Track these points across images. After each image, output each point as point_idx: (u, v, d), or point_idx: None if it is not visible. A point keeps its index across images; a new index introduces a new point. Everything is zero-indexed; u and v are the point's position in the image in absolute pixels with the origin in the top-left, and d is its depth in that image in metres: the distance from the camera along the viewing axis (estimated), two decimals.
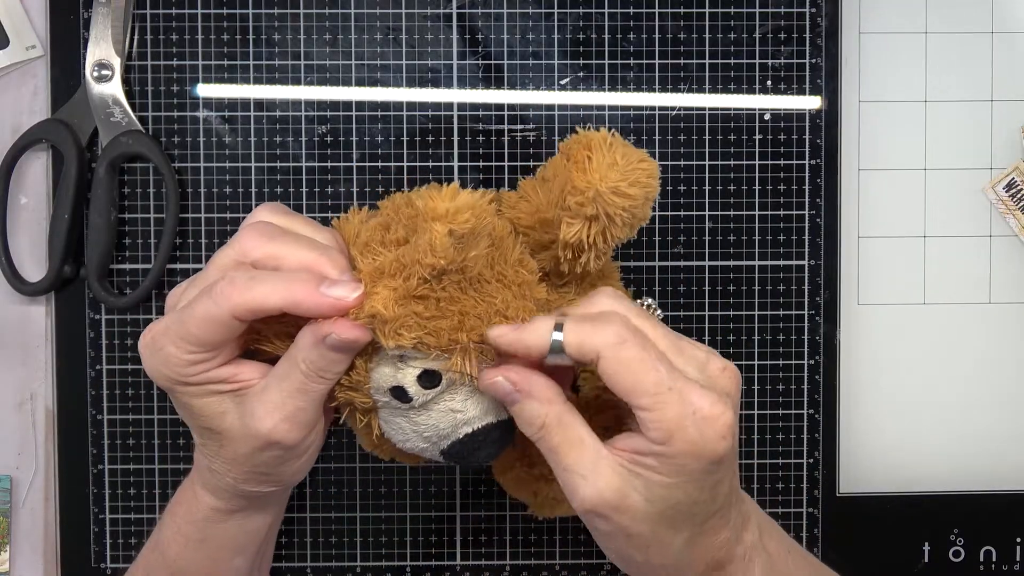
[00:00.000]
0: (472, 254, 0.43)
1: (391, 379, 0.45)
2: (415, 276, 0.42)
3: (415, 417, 0.46)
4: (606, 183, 0.43)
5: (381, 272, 0.43)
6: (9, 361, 0.62)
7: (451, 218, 0.41)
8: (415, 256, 0.42)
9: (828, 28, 0.61)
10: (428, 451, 0.47)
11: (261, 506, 0.50)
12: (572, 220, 0.44)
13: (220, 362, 0.45)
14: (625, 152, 0.44)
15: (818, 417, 0.62)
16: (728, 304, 0.61)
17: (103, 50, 0.60)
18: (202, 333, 0.43)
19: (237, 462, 0.46)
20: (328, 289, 0.43)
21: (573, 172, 0.44)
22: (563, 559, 0.62)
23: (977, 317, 0.63)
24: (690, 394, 0.40)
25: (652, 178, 0.44)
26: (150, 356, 0.45)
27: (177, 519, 0.50)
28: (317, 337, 0.43)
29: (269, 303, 0.42)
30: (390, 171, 0.61)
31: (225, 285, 0.43)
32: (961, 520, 0.62)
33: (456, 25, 0.61)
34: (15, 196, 0.61)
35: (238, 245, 0.45)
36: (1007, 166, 0.62)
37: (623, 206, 0.44)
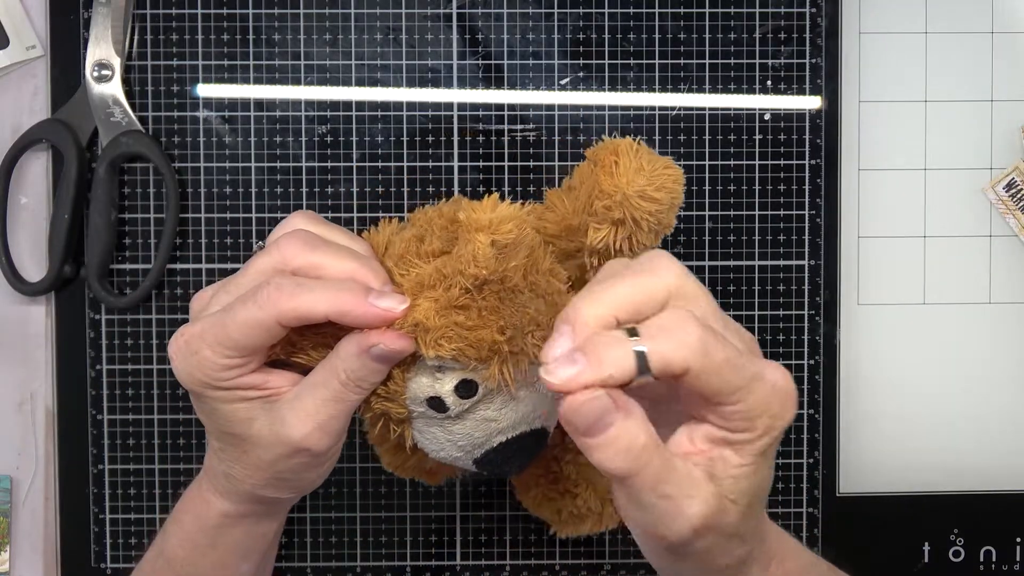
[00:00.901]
0: (512, 264, 0.43)
1: (428, 389, 0.45)
2: (457, 287, 0.43)
3: (450, 427, 0.46)
4: (633, 187, 0.44)
5: (421, 284, 0.44)
6: (9, 361, 0.62)
7: (494, 229, 0.42)
8: (457, 267, 0.43)
9: (828, 28, 0.61)
10: (461, 460, 0.47)
11: (272, 512, 0.50)
12: (599, 226, 0.45)
13: (252, 368, 0.44)
14: (651, 158, 0.45)
15: (818, 417, 0.62)
16: (728, 304, 0.61)
17: (103, 50, 0.60)
18: (243, 338, 0.43)
19: (260, 468, 0.46)
20: (376, 300, 0.43)
21: (601, 176, 0.45)
22: (563, 559, 0.62)
23: (977, 317, 0.63)
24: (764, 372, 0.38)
25: (677, 183, 0.45)
26: (183, 359, 0.44)
27: (185, 526, 0.50)
28: (362, 347, 0.43)
29: (317, 311, 0.42)
30: (390, 171, 0.61)
31: (272, 290, 0.42)
32: (961, 520, 0.62)
33: (456, 25, 0.61)
34: (15, 196, 0.61)
35: (278, 253, 0.44)
36: (1007, 166, 0.62)
37: (650, 210, 0.44)
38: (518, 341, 0.44)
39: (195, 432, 0.61)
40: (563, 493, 0.54)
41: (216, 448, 0.47)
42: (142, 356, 0.61)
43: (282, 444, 0.44)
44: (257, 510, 0.49)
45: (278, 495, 0.47)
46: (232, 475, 0.47)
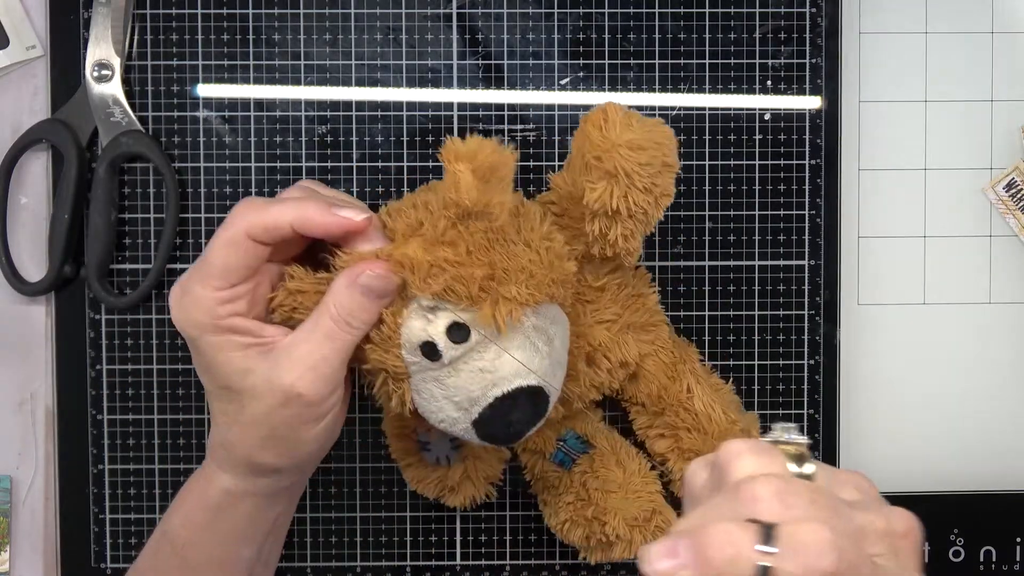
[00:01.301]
0: (497, 199, 0.44)
1: (421, 334, 0.45)
2: (442, 219, 0.44)
3: (445, 379, 0.46)
4: (622, 138, 0.45)
5: (411, 227, 0.45)
6: (9, 361, 0.62)
7: (472, 156, 0.43)
8: (440, 200, 0.44)
9: (828, 28, 0.61)
10: (460, 422, 0.47)
11: (273, 494, 0.50)
12: (594, 184, 0.46)
13: (246, 307, 0.46)
14: (640, 117, 0.47)
15: (818, 417, 0.62)
16: (728, 304, 0.61)
17: (103, 50, 0.60)
18: (221, 260, 0.45)
19: (256, 424, 0.46)
20: (338, 210, 0.45)
21: (590, 130, 0.46)
22: (563, 559, 0.62)
23: (977, 317, 0.63)
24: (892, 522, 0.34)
25: (667, 139, 0.46)
26: (178, 302, 0.46)
27: (187, 505, 0.50)
28: (350, 278, 0.44)
29: (283, 219, 0.44)
30: (390, 171, 0.61)
31: (240, 207, 0.45)
32: (961, 520, 0.62)
33: (456, 25, 0.61)
34: (15, 196, 0.61)
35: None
36: (1007, 166, 0.62)
37: (639, 161, 0.45)
38: (510, 287, 0.44)
39: (195, 432, 0.61)
40: (591, 519, 0.54)
41: (216, 412, 0.48)
42: (142, 356, 0.61)
43: (275, 391, 0.45)
44: (257, 486, 0.49)
45: (276, 461, 0.47)
46: (229, 440, 0.47)
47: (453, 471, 0.56)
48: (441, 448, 0.56)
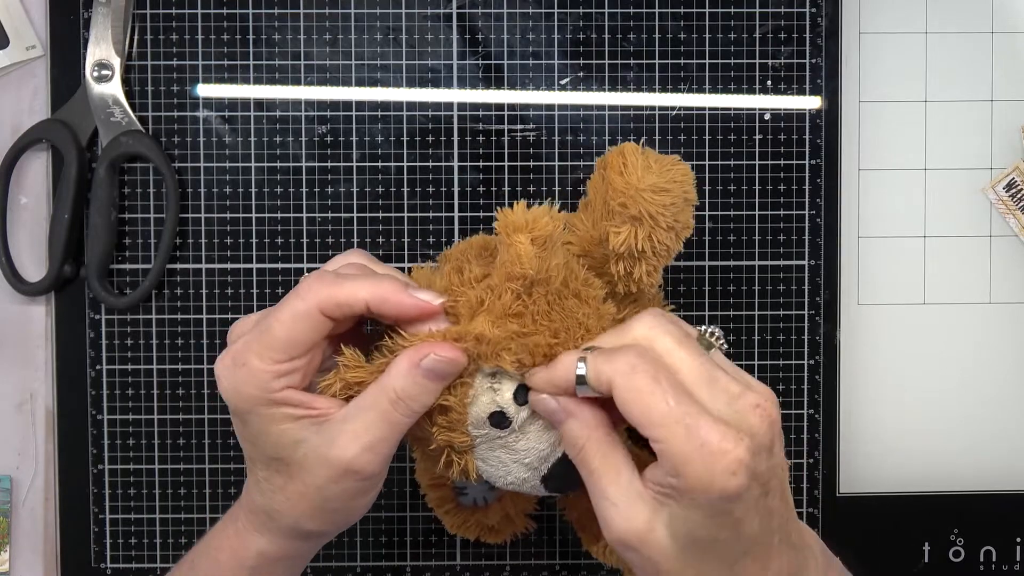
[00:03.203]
0: (554, 263, 0.44)
1: (489, 406, 0.45)
2: (508, 293, 0.44)
3: (514, 444, 0.46)
4: (644, 182, 0.45)
5: (472, 305, 0.44)
6: (9, 361, 0.62)
7: (531, 226, 0.43)
8: (503, 273, 0.44)
9: (828, 28, 0.61)
10: (529, 481, 0.47)
11: (307, 551, 0.49)
12: (618, 228, 0.46)
13: (300, 380, 0.44)
14: (658, 156, 0.46)
15: (818, 417, 0.62)
16: (728, 304, 0.61)
17: (103, 50, 0.60)
18: (287, 333, 0.43)
19: (305, 496, 0.45)
20: (415, 291, 0.44)
21: (612, 177, 0.46)
22: (563, 559, 0.62)
23: (977, 317, 0.63)
24: (699, 428, 0.39)
25: (687, 177, 0.46)
26: (231, 374, 0.43)
27: (220, 564, 0.48)
28: (413, 361, 0.43)
29: (358, 297, 0.43)
30: (390, 171, 0.61)
31: (313, 281, 0.43)
32: (961, 520, 0.62)
33: (456, 25, 0.61)
34: (15, 196, 0.61)
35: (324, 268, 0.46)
36: (1007, 166, 0.62)
37: (664, 203, 0.45)
38: (569, 344, 0.44)
39: (195, 432, 0.62)
40: None
41: (260, 479, 0.46)
42: (142, 356, 0.61)
43: (330, 466, 0.44)
44: (296, 549, 0.48)
45: (322, 528, 0.46)
46: (274, 508, 0.46)
47: (492, 512, 0.56)
48: (477, 491, 0.56)
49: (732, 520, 0.40)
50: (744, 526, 0.41)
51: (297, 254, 0.61)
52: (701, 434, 0.39)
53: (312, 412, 0.44)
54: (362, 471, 0.44)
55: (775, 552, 0.43)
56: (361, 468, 0.44)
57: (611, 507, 0.42)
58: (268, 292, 0.61)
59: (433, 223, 0.61)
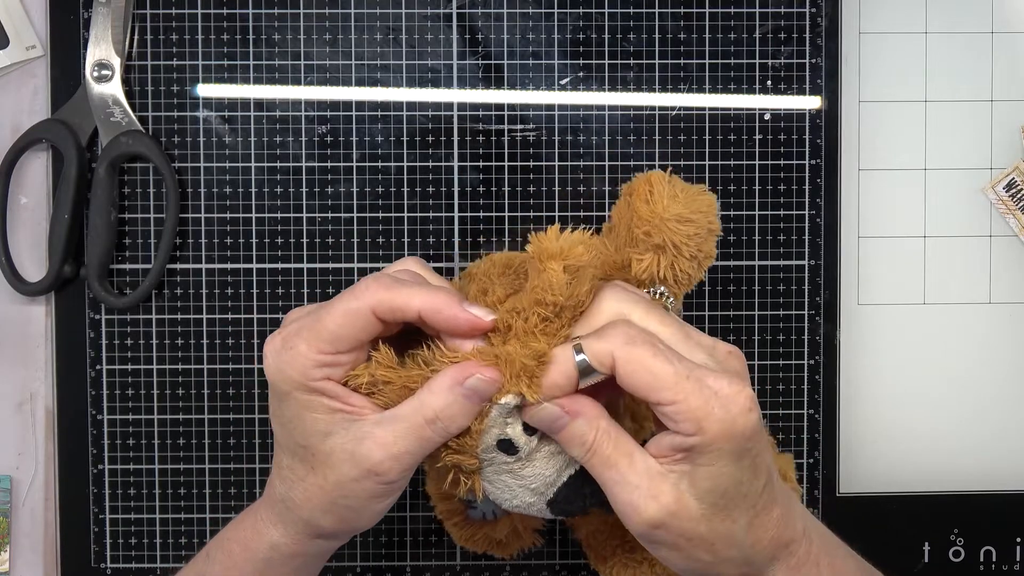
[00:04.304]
0: (584, 289, 0.44)
1: (498, 435, 0.45)
2: (535, 316, 0.44)
3: (520, 470, 0.46)
4: (670, 211, 0.46)
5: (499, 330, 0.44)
6: (9, 361, 0.62)
7: (565, 255, 0.43)
8: (532, 297, 0.44)
9: (828, 28, 0.61)
10: (535, 505, 0.47)
11: (317, 552, 0.49)
12: (641, 256, 0.47)
13: (341, 375, 0.45)
14: (684, 186, 0.47)
15: (818, 417, 0.62)
16: (728, 304, 0.61)
17: (103, 50, 0.60)
18: (338, 328, 0.44)
19: (324, 490, 0.45)
20: (469, 306, 0.44)
21: (637, 204, 0.46)
22: (563, 559, 0.62)
23: (977, 317, 0.63)
24: (706, 379, 0.41)
25: (712, 208, 0.47)
26: (277, 355, 0.45)
27: (233, 555, 0.49)
28: (456, 380, 0.43)
29: (412, 304, 0.43)
30: (390, 171, 0.61)
31: (371, 282, 0.44)
32: (961, 520, 0.62)
33: (456, 25, 0.61)
34: (15, 196, 0.61)
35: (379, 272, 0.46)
36: (1007, 166, 0.62)
37: (688, 233, 0.46)
38: None
39: (195, 432, 0.62)
40: (640, 562, 0.54)
41: (283, 467, 0.47)
42: (142, 356, 0.61)
43: (355, 464, 0.44)
44: (307, 547, 0.48)
45: (334, 527, 0.47)
46: (292, 499, 0.46)
47: (500, 526, 0.56)
48: (487, 504, 0.56)
49: (751, 457, 0.42)
50: (762, 459, 0.43)
51: (297, 254, 0.61)
52: (710, 384, 0.41)
53: (347, 407, 0.45)
54: (384, 476, 0.44)
55: (776, 481, 0.45)
56: (384, 473, 0.44)
57: (635, 491, 0.42)
58: (268, 292, 0.61)
59: (433, 223, 0.61)
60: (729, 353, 0.44)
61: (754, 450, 0.42)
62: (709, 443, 0.41)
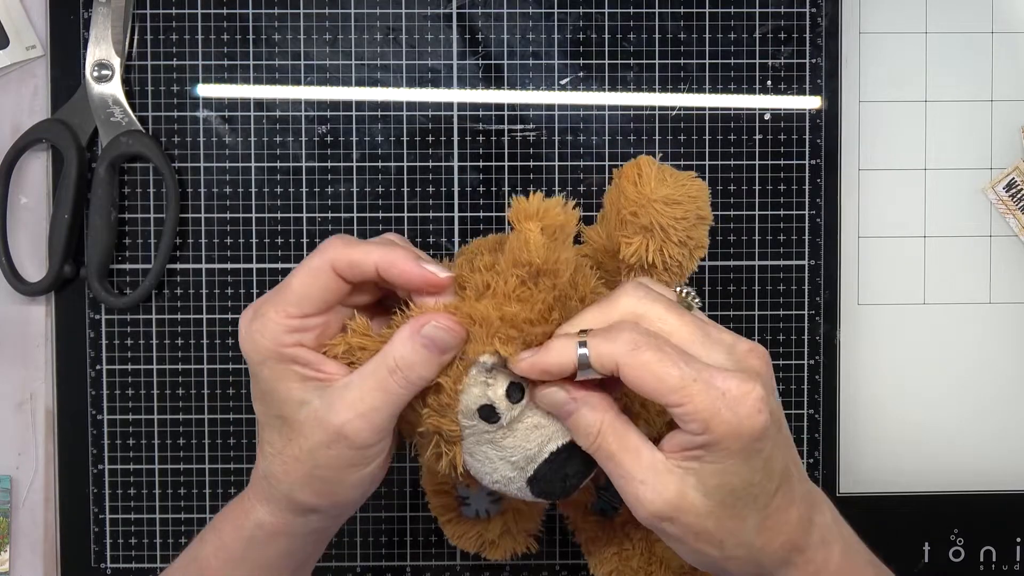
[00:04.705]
0: (563, 256, 0.44)
1: (480, 399, 0.45)
2: (513, 277, 0.44)
3: (501, 440, 0.46)
4: (657, 193, 0.46)
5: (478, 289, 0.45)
6: (9, 361, 0.62)
7: (542, 215, 0.43)
8: (510, 259, 0.44)
9: (828, 28, 0.61)
10: (515, 482, 0.47)
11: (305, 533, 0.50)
12: (630, 239, 0.47)
13: (313, 341, 0.46)
14: (673, 171, 0.47)
15: (818, 417, 0.62)
16: (728, 304, 0.61)
17: (103, 50, 0.60)
18: (301, 287, 0.45)
19: (300, 460, 0.46)
20: (425, 263, 0.45)
21: (625, 186, 0.46)
22: (563, 559, 0.62)
23: (977, 317, 0.63)
24: (715, 379, 0.41)
25: (701, 192, 0.47)
26: (249, 324, 0.45)
27: (222, 535, 0.50)
28: (414, 329, 0.44)
29: (369, 258, 0.44)
30: (390, 171, 0.61)
31: (328, 242, 0.45)
32: (961, 520, 0.62)
33: (456, 25, 0.61)
34: (15, 196, 0.61)
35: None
36: (1007, 166, 0.62)
37: (675, 215, 0.46)
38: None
39: (195, 432, 0.62)
40: (637, 570, 0.54)
41: (264, 442, 0.47)
42: (142, 356, 0.61)
43: (323, 429, 0.45)
44: (292, 524, 0.48)
45: (314, 501, 0.47)
46: (272, 473, 0.47)
47: (493, 525, 0.56)
48: (480, 502, 0.56)
49: (763, 459, 0.42)
50: (773, 462, 0.43)
51: (297, 254, 0.61)
52: (718, 385, 0.41)
53: (320, 375, 0.45)
54: (352, 437, 0.44)
55: (796, 483, 0.45)
56: (351, 434, 0.44)
57: (639, 485, 0.43)
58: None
59: (433, 223, 0.61)
60: (749, 351, 0.44)
61: (765, 451, 0.42)
62: (717, 442, 0.41)
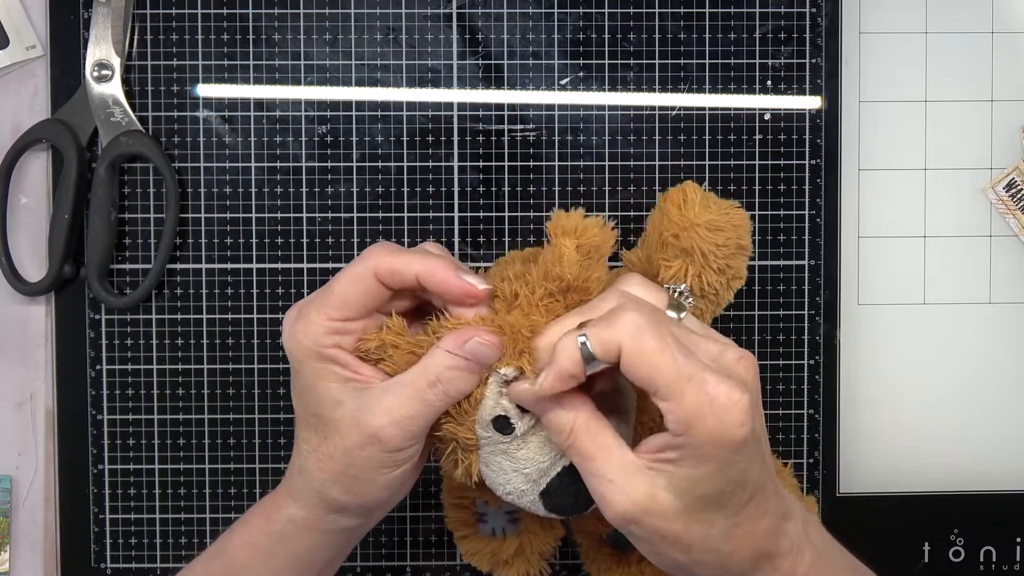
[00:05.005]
0: (595, 276, 0.44)
1: (496, 408, 0.45)
2: (541, 289, 0.44)
3: (515, 452, 0.46)
4: (701, 218, 0.46)
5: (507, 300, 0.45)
6: (9, 361, 0.62)
7: (579, 233, 0.44)
8: (541, 270, 0.44)
9: (828, 28, 0.61)
10: (528, 494, 0.47)
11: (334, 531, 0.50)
12: (670, 263, 0.47)
13: (350, 343, 0.46)
14: (717, 199, 0.48)
15: (818, 417, 0.62)
16: (728, 304, 0.61)
17: (103, 50, 0.60)
18: (343, 291, 0.46)
19: (334, 458, 0.47)
20: (464, 274, 0.46)
21: (670, 208, 0.47)
22: (563, 559, 0.62)
23: (977, 317, 0.63)
24: (707, 383, 0.41)
25: (744, 222, 0.48)
26: (292, 323, 0.47)
27: (251, 528, 0.50)
28: (459, 342, 0.45)
29: (411, 267, 0.45)
30: (390, 171, 0.61)
31: (372, 249, 0.46)
32: (961, 520, 0.62)
33: (456, 25, 0.61)
34: (15, 196, 0.61)
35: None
36: (1007, 166, 0.62)
37: (716, 242, 0.46)
38: None
39: (195, 432, 0.62)
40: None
41: (301, 439, 0.48)
42: (142, 356, 0.61)
43: (359, 430, 0.45)
44: (322, 521, 0.49)
45: (345, 499, 0.47)
46: (306, 469, 0.48)
47: (507, 545, 0.56)
48: (498, 520, 0.56)
49: (739, 470, 0.42)
50: (749, 473, 0.42)
51: (297, 254, 0.61)
52: (709, 389, 0.41)
53: (357, 376, 0.46)
54: (387, 442, 0.45)
55: (771, 495, 0.44)
56: (386, 439, 0.45)
57: (608, 485, 0.43)
58: (268, 292, 0.61)
59: (433, 223, 0.61)
60: (738, 360, 0.43)
61: (742, 463, 0.42)
62: (695, 447, 0.41)
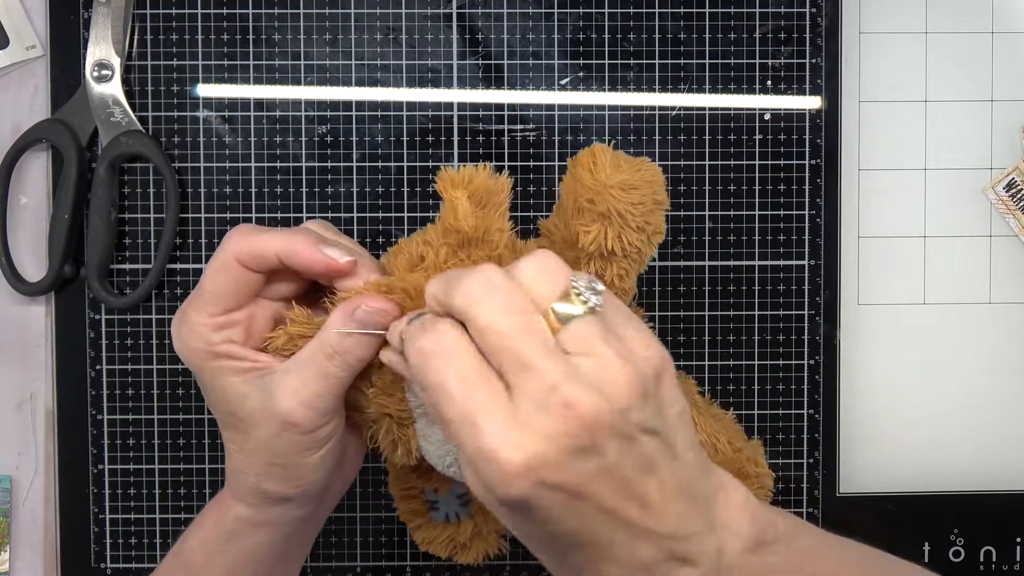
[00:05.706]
0: (495, 226, 0.44)
1: None
2: (443, 247, 0.44)
3: None
4: (613, 179, 0.45)
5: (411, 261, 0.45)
6: (9, 361, 0.62)
7: (467, 183, 0.44)
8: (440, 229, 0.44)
9: (828, 28, 0.61)
10: None
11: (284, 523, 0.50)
12: (588, 227, 0.46)
13: (240, 336, 0.46)
14: (627, 157, 0.47)
15: (818, 417, 0.62)
16: (728, 304, 0.61)
17: (103, 50, 0.60)
18: (212, 285, 0.45)
19: (258, 451, 0.46)
20: (325, 248, 0.45)
21: (581, 173, 0.46)
22: None
23: (977, 317, 0.63)
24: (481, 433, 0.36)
25: (656, 177, 0.47)
26: (177, 330, 0.46)
27: (205, 529, 0.50)
28: (346, 313, 0.44)
29: (269, 247, 0.45)
30: (390, 171, 0.61)
31: (230, 234, 0.46)
32: (961, 520, 0.62)
33: (456, 25, 0.61)
34: (15, 196, 0.61)
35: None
36: (1007, 166, 0.62)
37: (632, 200, 0.45)
38: None
39: (195, 432, 0.62)
40: None
41: (226, 440, 0.48)
42: (142, 356, 0.61)
43: (271, 418, 0.45)
44: (269, 515, 0.49)
45: (282, 489, 0.47)
46: (238, 467, 0.47)
47: (463, 528, 0.55)
48: (449, 505, 0.56)
49: (534, 521, 0.37)
50: (552, 526, 0.37)
51: None
52: (482, 440, 0.35)
53: (256, 365, 0.46)
54: (300, 424, 0.45)
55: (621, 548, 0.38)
56: (299, 421, 0.45)
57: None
58: None
59: (433, 223, 0.61)
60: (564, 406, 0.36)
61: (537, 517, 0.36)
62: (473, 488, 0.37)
